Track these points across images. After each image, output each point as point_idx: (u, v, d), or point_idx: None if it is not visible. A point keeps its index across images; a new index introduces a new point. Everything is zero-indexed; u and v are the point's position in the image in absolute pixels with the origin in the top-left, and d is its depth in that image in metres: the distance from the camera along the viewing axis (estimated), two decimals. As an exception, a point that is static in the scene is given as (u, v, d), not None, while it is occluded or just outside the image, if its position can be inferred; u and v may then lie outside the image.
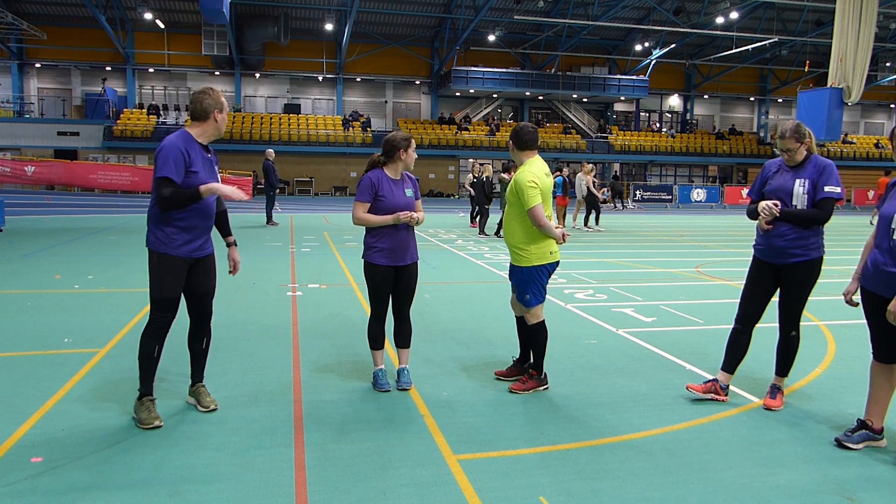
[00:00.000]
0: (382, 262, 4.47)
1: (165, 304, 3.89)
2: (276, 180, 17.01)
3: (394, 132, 4.62)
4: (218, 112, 3.96)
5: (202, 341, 4.21)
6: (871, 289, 3.73)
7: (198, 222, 3.91)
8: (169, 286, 3.87)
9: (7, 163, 27.54)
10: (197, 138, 3.95)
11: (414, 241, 4.64)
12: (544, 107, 43.04)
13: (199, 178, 3.83)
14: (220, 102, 3.97)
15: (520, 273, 4.59)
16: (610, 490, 3.23)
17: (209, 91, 3.98)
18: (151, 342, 3.92)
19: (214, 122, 3.96)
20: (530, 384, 4.62)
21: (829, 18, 27.70)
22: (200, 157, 3.90)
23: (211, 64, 37.20)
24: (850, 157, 43.21)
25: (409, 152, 4.51)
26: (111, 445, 3.60)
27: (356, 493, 3.16)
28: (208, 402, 4.14)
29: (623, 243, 14.80)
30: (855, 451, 3.74)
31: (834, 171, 4.14)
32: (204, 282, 4.06)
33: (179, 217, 3.83)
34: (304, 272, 9.60)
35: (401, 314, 4.67)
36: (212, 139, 4.03)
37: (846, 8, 20.48)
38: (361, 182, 4.50)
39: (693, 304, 7.80)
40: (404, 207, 4.46)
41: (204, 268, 4.05)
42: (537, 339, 4.65)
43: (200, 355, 4.23)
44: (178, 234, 3.85)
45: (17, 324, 6.18)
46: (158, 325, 3.91)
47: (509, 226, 4.64)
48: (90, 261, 10.22)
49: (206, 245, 4.04)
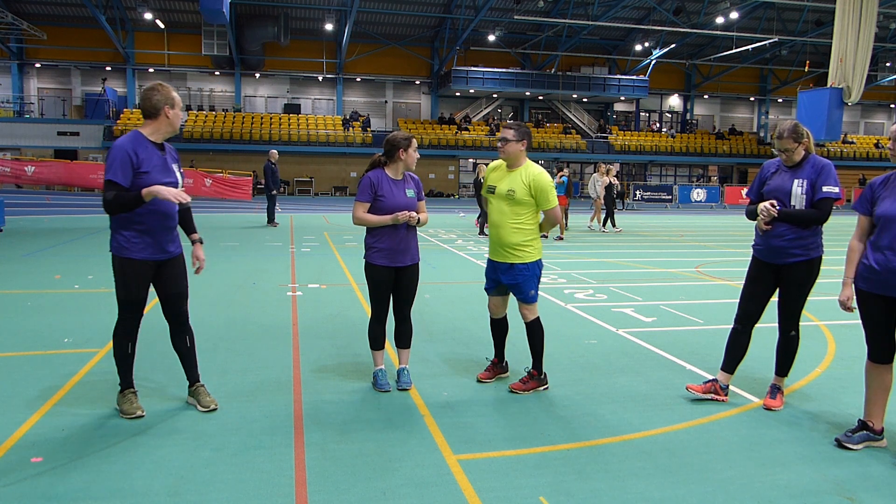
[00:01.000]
0: (382, 262, 4.47)
1: (131, 306, 3.92)
2: (275, 182, 16.86)
3: (395, 132, 4.59)
4: (169, 108, 3.82)
5: (185, 340, 4.15)
6: (876, 291, 3.69)
7: (156, 224, 3.83)
8: (134, 289, 3.88)
9: (7, 163, 27.55)
10: (149, 137, 3.84)
11: (415, 242, 4.62)
12: (544, 107, 43.05)
13: (151, 178, 3.72)
14: (170, 98, 3.83)
15: (525, 270, 4.54)
16: (610, 490, 3.23)
17: (158, 87, 3.86)
18: (123, 341, 3.97)
19: (166, 118, 3.84)
20: (531, 384, 4.61)
21: (829, 18, 27.69)
22: (154, 157, 3.79)
23: (211, 64, 37.21)
24: (850, 157, 43.22)
25: (409, 152, 4.48)
26: (111, 445, 3.60)
27: (356, 493, 3.16)
28: (208, 401, 4.11)
29: (623, 243, 14.79)
30: (855, 451, 3.74)
31: (832, 171, 4.14)
32: (174, 283, 4.01)
33: (136, 220, 3.78)
34: (304, 272, 9.60)
35: (401, 315, 4.66)
36: (167, 136, 3.92)
37: (846, 8, 20.48)
38: (361, 182, 4.50)
39: (693, 304, 7.80)
40: (404, 207, 4.43)
41: (172, 270, 3.99)
42: (537, 336, 4.63)
43: (187, 355, 4.18)
44: (138, 238, 3.81)
45: (17, 324, 6.18)
46: (127, 325, 3.96)
47: (513, 225, 4.52)
48: (90, 261, 10.22)
49: (171, 246, 3.96)
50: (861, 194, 3.91)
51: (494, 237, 4.62)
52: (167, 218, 3.89)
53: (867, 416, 3.84)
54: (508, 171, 4.59)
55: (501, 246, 4.56)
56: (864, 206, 3.84)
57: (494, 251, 4.64)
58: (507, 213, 4.53)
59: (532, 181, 4.48)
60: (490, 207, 4.66)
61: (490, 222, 4.67)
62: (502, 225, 4.55)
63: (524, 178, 4.50)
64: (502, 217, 4.55)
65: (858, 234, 3.85)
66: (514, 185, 4.50)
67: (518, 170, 4.55)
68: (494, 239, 4.62)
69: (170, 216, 3.91)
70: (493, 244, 4.64)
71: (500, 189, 4.55)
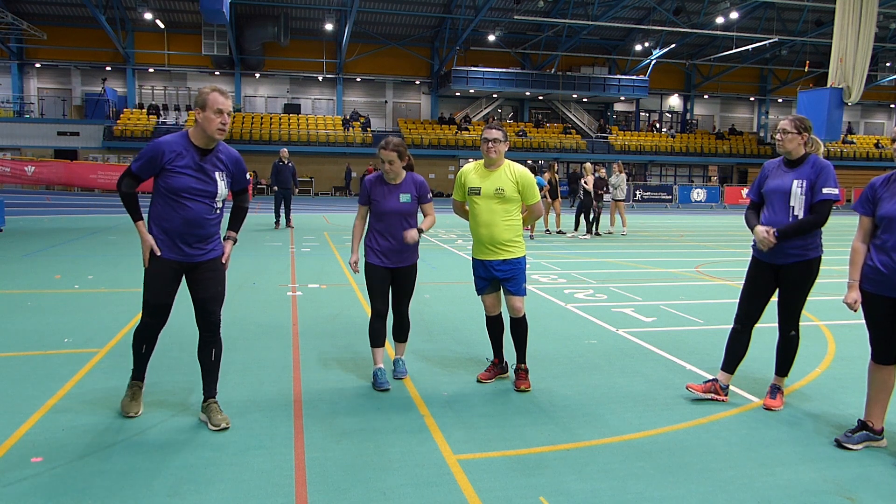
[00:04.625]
0: (377, 262, 4.60)
1: (153, 310, 3.82)
2: (279, 181, 16.24)
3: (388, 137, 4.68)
4: (199, 110, 3.66)
5: (210, 353, 3.94)
6: (881, 293, 3.68)
7: (179, 229, 3.71)
8: (155, 291, 3.77)
9: (7, 163, 27.55)
10: (192, 139, 3.72)
11: (413, 244, 4.66)
12: (544, 107, 43.04)
13: (181, 180, 3.65)
14: (200, 100, 3.66)
15: (517, 264, 4.66)
16: (610, 490, 3.23)
17: (201, 90, 3.73)
18: (139, 342, 3.95)
19: (196, 121, 3.71)
20: (527, 379, 4.74)
21: (829, 18, 27.69)
22: (190, 161, 3.68)
23: (211, 64, 37.21)
24: (850, 157, 43.21)
25: (380, 156, 4.51)
26: (111, 445, 3.60)
27: (356, 493, 3.16)
28: (219, 420, 3.84)
29: (623, 243, 14.79)
30: (855, 451, 3.74)
31: (832, 172, 4.13)
32: (203, 287, 3.85)
33: (164, 219, 3.72)
34: (304, 272, 9.60)
35: (399, 311, 4.82)
36: (204, 142, 3.72)
37: (846, 8, 20.49)
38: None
39: (693, 304, 7.80)
40: (395, 211, 4.55)
41: (203, 273, 3.85)
42: (526, 330, 4.79)
43: (209, 368, 3.96)
44: (162, 236, 3.74)
45: (17, 324, 6.18)
46: (145, 329, 3.89)
47: (505, 222, 4.61)
48: (90, 261, 10.22)
49: (203, 251, 3.83)
50: (861, 195, 3.88)
51: (486, 237, 4.65)
52: (190, 226, 3.72)
53: (867, 416, 3.83)
54: (489, 171, 4.65)
55: (494, 244, 4.64)
56: (866, 207, 3.81)
57: (485, 251, 4.70)
58: (497, 212, 4.61)
59: (519, 178, 4.61)
60: (477, 209, 4.67)
61: (479, 223, 4.67)
62: (495, 223, 4.61)
63: (510, 175, 4.61)
64: (493, 216, 4.61)
65: (861, 236, 3.82)
66: (502, 184, 4.58)
67: (500, 169, 4.63)
68: (486, 238, 4.65)
69: (194, 225, 3.73)
70: (484, 244, 4.68)
71: (487, 189, 4.61)
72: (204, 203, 3.74)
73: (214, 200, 3.79)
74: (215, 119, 3.65)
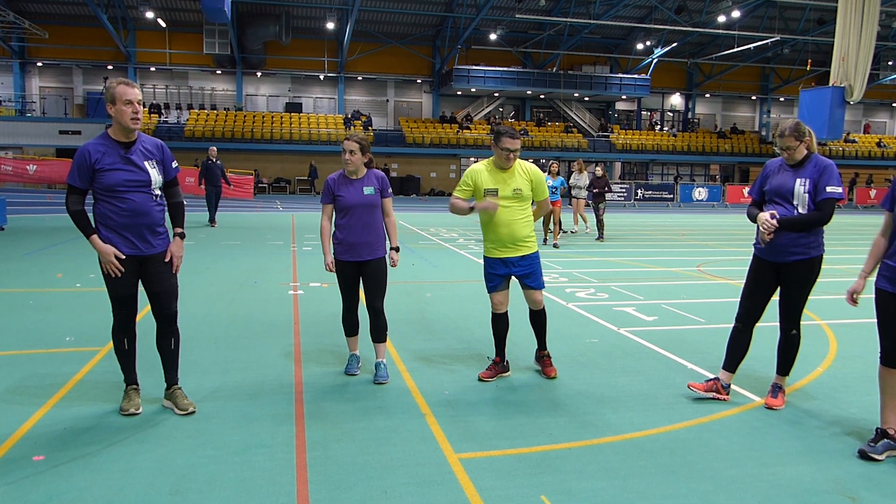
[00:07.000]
0: (343, 257, 4.74)
1: (118, 301, 3.96)
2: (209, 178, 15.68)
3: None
4: (111, 105, 3.78)
5: (169, 342, 4.10)
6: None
7: (125, 222, 3.82)
8: (115, 284, 3.90)
9: (9, 161, 27.57)
10: (112, 135, 3.85)
11: (377, 236, 4.74)
12: (546, 106, 43.00)
13: (112, 176, 3.77)
14: (111, 94, 3.77)
15: (535, 259, 4.83)
16: (611, 489, 3.23)
17: (108, 83, 3.84)
18: (118, 338, 4.02)
19: (111, 117, 3.81)
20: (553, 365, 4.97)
21: (831, 17, 27.62)
22: (116, 156, 3.80)
23: (212, 63, 37.22)
24: (851, 156, 43.15)
25: (343, 147, 4.74)
26: (113, 444, 3.60)
27: (357, 491, 3.16)
28: (185, 404, 4.04)
29: (624, 242, 14.78)
30: (880, 461, 3.58)
31: (835, 170, 4.12)
32: (157, 280, 3.97)
33: (106, 217, 3.83)
34: (305, 271, 9.61)
35: (372, 309, 4.82)
36: (124, 135, 3.84)
37: (848, 6, 20.45)
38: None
39: (694, 303, 7.79)
40: (359, 204, 4.66)
41: (155, 267, 3.96)
42: (546, 319, 4.97)
43: (168, 356, 4.13)
44: (111, 235, 3.85)
45: (19, 322, 6.19)
46: (118, 321, 4.01)
47: (523, 220, 4.75)
48: (92, 259, 10.18)
49: (150, 243, 3.92)
50: (889, 190, 3.80)
51: (507, 235, 4.72)
52: (137, 216, 3.84)
53: (884, 423, 3.70)
54: (502, 171, 4.74)
55: (515, 241, 4.74)
56: (888, 203, 3.76)
57: (505, 249, 4.75)
58: (516, 210, 4.74)
59: (533, 176, 4.78)
60: None
61: (499, 222, 4.72)
62: (515, 221, 4.73)
63: (524, 174, 4.76)
64: (513, 214, 4.72)
65: (883, 230, 3.79)
66: (518, 184, 4.72)
67: (513, 169, 4.75)
68: (507, 237, 4.72)
69: (141, 214, 3.85)
70: (504, 242, 4.74)
71: (504, 190, 4.70)
72: (142, 192, 3.87)
73: (151, 188, 3.91)
74: (127, 110, 3.77)
